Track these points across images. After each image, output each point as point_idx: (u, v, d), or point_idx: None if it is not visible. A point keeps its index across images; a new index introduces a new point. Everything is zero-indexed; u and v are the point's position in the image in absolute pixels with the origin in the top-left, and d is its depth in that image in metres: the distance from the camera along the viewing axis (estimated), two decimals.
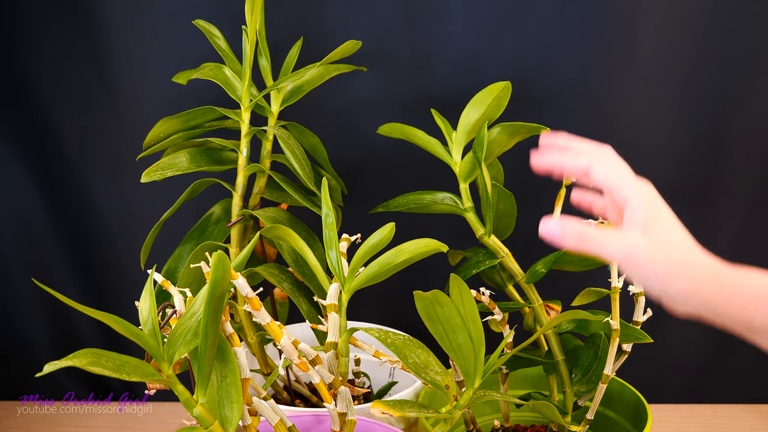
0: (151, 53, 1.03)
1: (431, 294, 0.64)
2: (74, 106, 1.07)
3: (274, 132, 0.85)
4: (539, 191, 1.01)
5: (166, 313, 0.68)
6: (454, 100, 0.95)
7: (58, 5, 1.02)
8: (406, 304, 0.80)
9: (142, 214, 1.10)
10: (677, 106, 1.03)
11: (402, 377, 1.03)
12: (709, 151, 1.05)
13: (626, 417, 0.90)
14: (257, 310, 0.61)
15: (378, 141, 0.98)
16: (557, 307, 0.84)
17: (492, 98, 0.82)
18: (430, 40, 1.01)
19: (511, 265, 0.83)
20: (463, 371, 0.66)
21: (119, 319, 0.53)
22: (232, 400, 0.57)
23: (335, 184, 0.94)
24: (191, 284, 0.83)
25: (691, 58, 1.01)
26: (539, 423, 0.97)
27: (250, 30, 0.82)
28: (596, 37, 0.99)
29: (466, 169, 0.82)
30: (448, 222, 1.02)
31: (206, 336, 0.53)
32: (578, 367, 0.83)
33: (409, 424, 0.87)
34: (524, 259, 0.84)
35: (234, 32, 0.93)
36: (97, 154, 1.09)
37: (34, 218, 1.12)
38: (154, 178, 0.80)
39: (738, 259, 1.09)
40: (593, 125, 1.03)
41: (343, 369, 0.68)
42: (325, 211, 0.69)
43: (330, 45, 0.90)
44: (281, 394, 0.95)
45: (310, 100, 0.92)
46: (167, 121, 0.87)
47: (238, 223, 0.86)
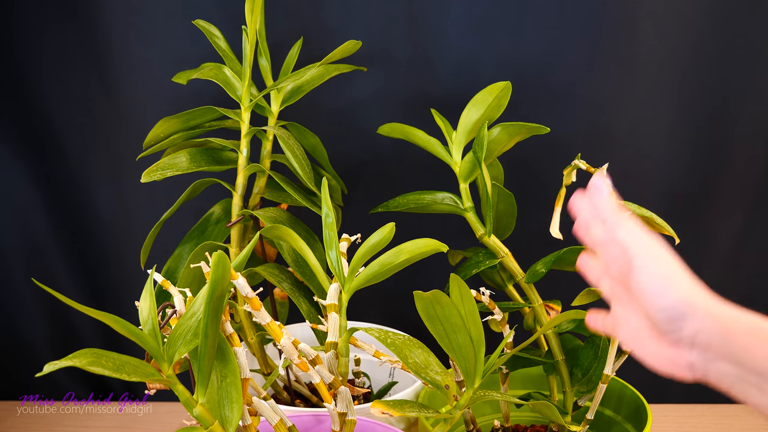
0: (151, 53, 1.03)
1: (431, 294, 0.64)
2: (74, 106, 1.07)
3: (274, 132, 0.85)
4: (539, 191, 1.01)
5: (166, 313, 0.68)
6: (454, 100, 0.95)
7: (57, 5, 1.02)
8: (406, 304, 0.80)
9: (142, 214, 1.10)
10: (677, 106, 1.03)
11: (402, 377, 1.03)
12: (709, 151, 1.05)
13: (626, 417, 0.90)
14: (257, 310, 0.61)
15: (378, 141, 0.98)
16: (557, 307, 0.84)
17: (492, 98, 0.82)
18: (430, 40, 1.01)
19: (511, 265, 0.83)
20: (463, 371, 0.66)
21: (119, 319, 0.53)
22: (232, 400, 0.57)
23: (335, 184, 0.94)
24: (191, 284, 0.83)
25: (690, 57, 1.01)
26: (539, 423, 0.97)
27: (250, 30, 0.82)
28: (596, 37, 0.99)
29: (466, 169, 0.82)
30: (448, 222, 1.02)
31: (206, 336, 0.53)
32: (578, 367, 0.83)
33: (409, 424, 0.87)
34: (524, 259, 0.84)
35: (234, 32, 0.93)
36: (97, 154, 1.09)
37: (34, 218, 1.12)
38: (154, 178, 0.80)
39: (738, 259, 1.10)
40: (593, 125, 1.03)
41: (343, 369, 0.68)
42: (325, 211, 0.69)
43: (330, 45, 0.90)
44: (281, 394, 0.95)
45: (310, 100, 0.92)
46: (167, 121, 0.87)
47: (238, 223, 0.86)
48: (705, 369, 0.52)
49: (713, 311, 0.52)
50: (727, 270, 1.10)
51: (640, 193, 1.03)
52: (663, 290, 0.53)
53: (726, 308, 0.52)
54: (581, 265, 0.63)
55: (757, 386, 0.49)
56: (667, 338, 0.53)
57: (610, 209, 0.58)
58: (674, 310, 0.52)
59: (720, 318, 0.51)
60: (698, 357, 0.52)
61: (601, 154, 1.00)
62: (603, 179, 0.59)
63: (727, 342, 0.50)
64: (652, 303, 0.53)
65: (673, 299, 0.52)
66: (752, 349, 0.49)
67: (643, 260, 0.54)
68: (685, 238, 0.90)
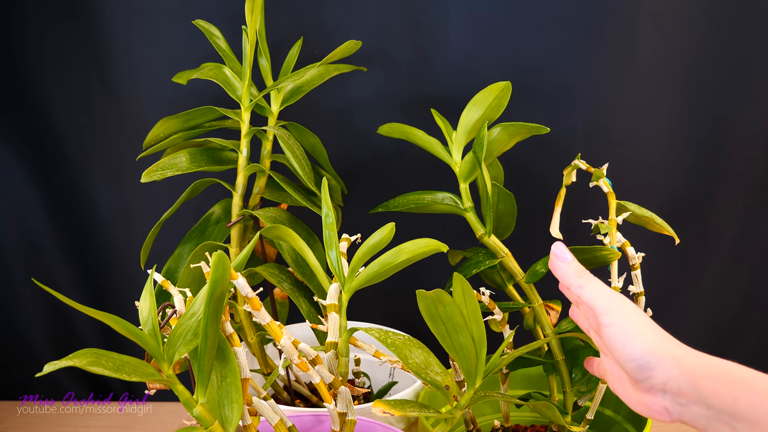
0: (151, 53, 1.03)
1: (434, 293, 0.64)
2: (74, 106, 1.07)
3: (274, 132, 0.85)
4: (539, 191, 1.01)
5: (166, 313, 0.68)
6: (454, 100, 0.95)
7: (58, 6, 1.02)
8: (406, 304, 0.80)
9: (142, 214, 1.10)
10: (677, 106, 1.03)
11: (402, 377, 1.03)
12: (709, 151, 1.05)
13: (626, 417, 0.90)
14: (257, 310, 0.61)
15: (378, 141, 0.98)
16: (557, 307, 0.84)
17: (492, 98, 0.82)
18: (431, 39, 1.01)
19: (511, 265, 0.83)
20: (465, 371, 0.66)
21: (119, 319, 0.53)
22: (232, 400, 0.57)
23: (335, 184, 0.94)
24: (191, 284, 0.83)
25: (691, 57, 1.01)
26: (539, 423, 0.97)
27: (250, 30, 0.82)
28: (596, 37, 0.99)
29: (466, 169, 0.82)
30: (448, 222, 1.02)
31: (206, 336, 0.53)
32: (578, 367, 0.83)
33: (410, 424, 0.87)
34: (524, 259, 0.84)
35: (234, 32, 0.93)
36: (97, 154, 1.09)
37: (34, 218, 1.12)
38: (154, 178, 0.80)
39: (738, 259, 1.10)
40: (593, 125, 1.03)
41: (343, 369, 0.68)
42: (325, 211, 0.69)
43: (330, 45, 0.90)
44: (281, 394, 0.95)
45: (310, 100, 0.92)
46: (167, 121, 0.87)
47: (238, 223, 0.86)
48: (680, 413, 0.55)
49: (680, 360, 0.55)
50: (727, 270, 1.10)
51: (640, 193, 1.03)
52: (627, 342, 0.57)
53: (693, 355, 0.56)
54: (573, 317, 0.69)
55: (728, 425, 0.52)
56: (641, 386, 0.57)
57: (573, 275, 0.63)
58: (641, 360, 0.56)
59: (687, 366, 0.55)
60: (671, 402, 0.56)
61: (601, 154, 1.00)
62: (561, 247, 0.66)
63: (696, 388, 0.54)
64: (620, 355, 0.58)
65: (639, 351, 0.57)
66: (721, 393, 0.52)
67: (608, 317, 0.59)
68: (685, 238, 0.90)
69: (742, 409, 0.51)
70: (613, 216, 0.80)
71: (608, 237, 0.79)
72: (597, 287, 0.62)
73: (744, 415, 0.51)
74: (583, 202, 0.98)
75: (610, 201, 0.80)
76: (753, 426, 0.51)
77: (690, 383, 0.54)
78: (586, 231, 0.85)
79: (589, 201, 0.97)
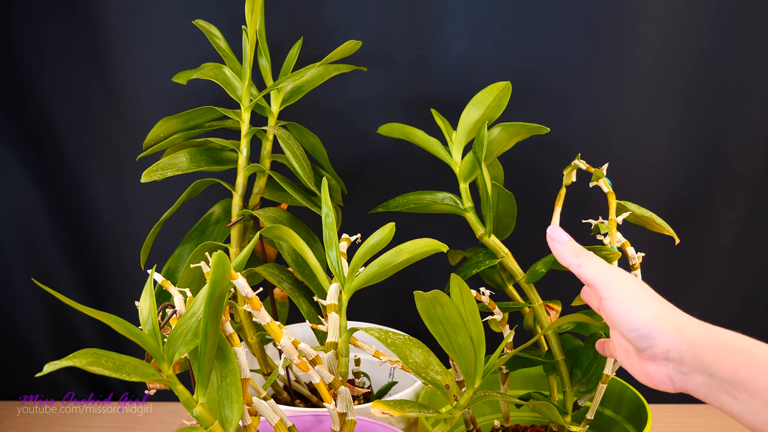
0: (151, 53, 1.03)
1: (432, 294, 0.64)
2: (74, 106, 1.07)
3: (274, 132, 0.85)
4: (539, 191, 1.01)
5: (166, 313, 0.68)
6: (454, 100, 0.95)
7: (57, 5, 1.02)
8: (406, 304, 0.80)
9: (142, 214, 1.10)
10: (677, 106, 1.03)
11: (402, 377, 1.03)
12: (708, 151, 1.05)
13: (626, 417, 0.90)
14: (257, 310, 0.61)
15: (378, 141, 0.98)
16: (557, 307, 0.84)
17: (492, 98, 0.82)
18: (430, 39, 1.01)
19: (511, 265, 0.83)
20: (464, 371, 0.66)
21: (119, 319, 0.53)
22: (232, 400, 0.57)
23: (335, 184, 0.94)
24: (191, 284, 0.83)
25: (691, 58, 1.01)
26: (539, 423, 0.97)
27: (250, 30, 0.82)
28: (596, 37, 0.99)
29: (466, 169, 0.82)
30: (448, 222, 1.02)
31: (206, 336, 0.53)
32: (578, 367, 0.83)
33: (409, 424, 0.87)
34: (524, 259, 0.84)
35: (234, 32, 0.93)
36: (97, 154, 1.09)
37: (34, 218, 1.12)
38: (154, 178, 0.80)
39: (738, 259, 1.10)
40: (593, 125, 1.03)
41: (343, 369, 0.68)
42: (325, 211, 0.69)
43: (330, 45, 0.90)
44: (281, 394, 0.95)
45: (310, 100, 0.92)
46: (167, 121, 0.87)
47: (238, 223, 0.86)
48: (682, 381, 0.57)
49: (682, 329, 0.57)
50: (727, 269, 1.10)
51: (640, 193, 1.03)
52: (628, 313, 0.59)
53: (695, 324, 0.57)
54: (584, 298, 0.70)
55: (729, 394, 0.54)
56: (644, 355, 0.59)
57: (570, 255, 0.65)
58: (642, 329, 0.58)
59: (689, 334, 0.56)
60: (674, 371, 0.57)
61: (601, 154, 1.01)
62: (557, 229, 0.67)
63: (698, 356, 0.55)
64: (622, 326, 0.59)
65: (640, 320, 0.58)
66: (722, 362, 0.54)
67: (608, 290, 0.60)
68: (685, 238, 0.90)
69: (742, 378, 0.52)
70: (613, 216, 0.80)
71: (608, 237, 0.79)
72: (595, 264, 0.63)
73: (745, 384, 0.52)
74: (583, 202, 0.98)
75: (610, 201, 0.80)
76: (753, 395, 0.52)
77: (692, 352, 0.55)
78: (586, 231, 0.85)
79: (589, 201, 0.97)
